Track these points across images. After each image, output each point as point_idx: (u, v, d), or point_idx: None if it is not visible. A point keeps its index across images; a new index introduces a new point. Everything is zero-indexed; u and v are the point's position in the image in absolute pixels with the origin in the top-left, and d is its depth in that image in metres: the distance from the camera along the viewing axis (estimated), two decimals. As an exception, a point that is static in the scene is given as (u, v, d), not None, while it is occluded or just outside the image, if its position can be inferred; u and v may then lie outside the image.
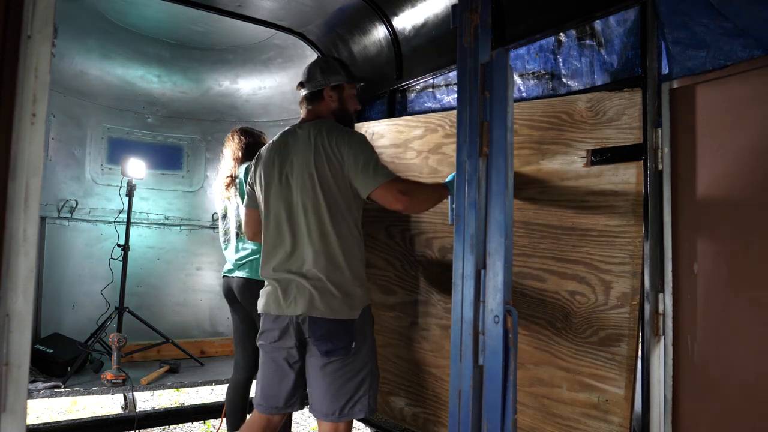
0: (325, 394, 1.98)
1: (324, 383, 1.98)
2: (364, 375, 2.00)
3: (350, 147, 1.97)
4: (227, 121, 4.47)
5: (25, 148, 0.90)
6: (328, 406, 1.98)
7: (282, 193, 2.05)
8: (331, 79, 2.12)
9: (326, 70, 2.14)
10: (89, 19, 3.54)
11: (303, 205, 1.99)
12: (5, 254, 0.88)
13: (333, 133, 2.01)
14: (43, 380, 3.11)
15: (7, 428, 0.87)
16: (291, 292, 1.98)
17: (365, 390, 2.00)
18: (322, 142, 1.99)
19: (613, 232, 1.78)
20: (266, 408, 2.11)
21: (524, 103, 2.10)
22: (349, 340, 1.95)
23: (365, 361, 2.01)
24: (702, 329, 1.66)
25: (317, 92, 2.14)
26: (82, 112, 3.98)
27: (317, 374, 1.99)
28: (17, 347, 0.89)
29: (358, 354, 1.98)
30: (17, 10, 0.90)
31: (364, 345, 2.01)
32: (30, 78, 0.91)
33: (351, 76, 2.18)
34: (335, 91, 2.13)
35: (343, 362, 1.96)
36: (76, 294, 3.90)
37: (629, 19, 1.91)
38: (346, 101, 2.16)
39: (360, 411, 1.99)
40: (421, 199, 2.01)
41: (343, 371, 1.96)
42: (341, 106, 2.15)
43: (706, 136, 1.68)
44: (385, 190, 1.93)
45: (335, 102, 2.13)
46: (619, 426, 1.70)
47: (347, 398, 1.97)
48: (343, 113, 2.16)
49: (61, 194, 3.87)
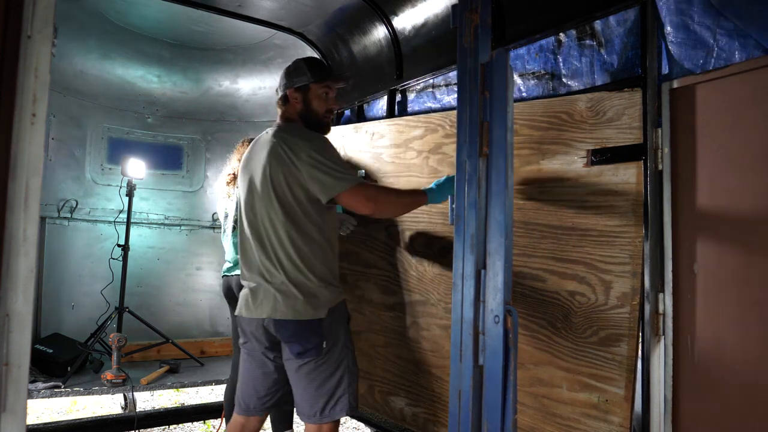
0: (303, 396, 1.99)
1: (301, 385, 1.99)
2: (341, 374, 2.00)
3: (308, 152, 1.95)
4: (227, 121, 4.47)
5: (25, 148, 0.90)
6: (309, 408, 1.99)
7: (248, 200, 2.07)
8: (295, 81, 2.11)
9: (292, 73, 2.13)
10: (89, 19, 3.54)
11: (265, 213, 2.00)
12: (5, 254, 0.88)
13: (293, 137, 2.00)
14: (43, 380, 3.11)
15: (7, 428, 0.87)
16: (259, 296, 2.00)
17: (344, 389, 2.00)
18: (281, 147, 1.98)
19: (613, 232, 1.78)
20: (243, 409, 2.13)
21: (524, 103, 2.10)
22: (318, 340, 1.95)
23: (340, 360, 2.01)
24: (702, 329, 1.66)
25: (285, 95, 2.14)
26: (82, 112, 3.98)
27: (294, 377, 2.00)
28: (17, 347, 0.89)
29: (331, 353, 1.98)
30: (17, 10, 0.90)
31: (336, 344, 2.01)
32: (30, 78, 0.91)
33: (319, 76, 2.12)
34: (299, 93, 2.11)
35: (317, 363, 1.96)
36: (76, 294, 3.90)
37: (629, 19, 1.91)
38: (312, 102, 2.12)
39: (341, 410, 1.99)
40: (390, 206, 2.04)
41: (318, 371, 1.97)
42: (306, 107, 2.11)
43: (706, 136, 1.68)
44: (351, 194, 1.94)
45: (300, 103, 2.11)
46: (619, 426, 1.70)
47: (327, 398, 1.98)
48: (310, 114, 2.12)
49: (61, 194, 3.87)
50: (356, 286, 2.77)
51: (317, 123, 2.14)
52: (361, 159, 2.79)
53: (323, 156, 1.94)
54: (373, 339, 2.66)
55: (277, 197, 1.98)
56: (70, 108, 3.91)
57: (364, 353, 2.71)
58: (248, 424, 2.14)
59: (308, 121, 2.13)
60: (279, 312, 1.95)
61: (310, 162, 1.93)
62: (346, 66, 3.42)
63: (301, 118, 2.13)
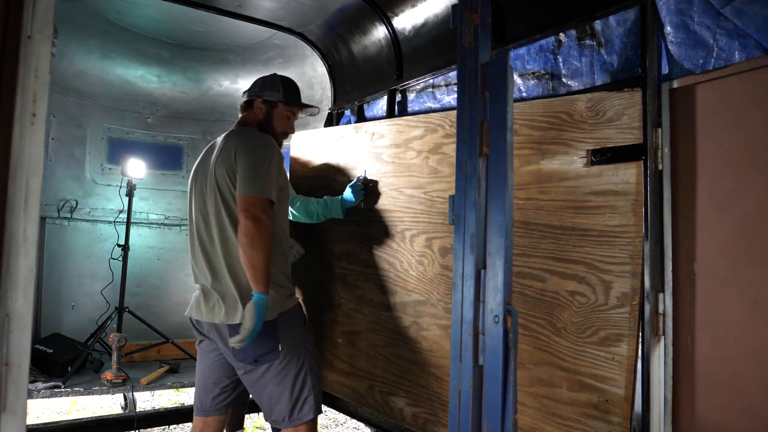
0: (270, 402, 1.99)
1: (266, 392, 1.98)
2: (303, 375, 2.00)
3: (246, 153, 1.99)
4: (227, 121, 4.47)
5: (25, 148, 0.90)
6: (277, 413, 1.99)
7: (197, 202, 2.10)
8: (267, 94, 2.21)
9: (267, 85, 2.23)
10: (89, 19, 3.54)
11: (211, 214, 2.02)
12: (5, 254, 0.88)
13: (243, 139, 2.05)
14: (43, 380, 3.11)
15: (7, 428, 0.87)
16: (211, 299, 2.02)
17: (309, 390, 2.00)
18: (230, 148, 2.03)
19: (613, 232, 1.78)
20: (200, 410, 2.15)
21: (524, 103, 2.10)
22: (273, 344, 1.95)
23: (300, 361, 2.01)
24: (702, 329, 1.66)
25: (250, 101, 2.23)
26: (82, 112, 3.98)
27: (256, 386, 1.99)
28: (17, 347, 0.89)
29: (289, 356, 1.98)
30: (17, 10, 0.90)
31: (294, 346, 2.01)
32: (30, 78, 0.91)
33: (289, 99, 2.22)
34: (266, 105, 2.21)
35: (277, 367, 1.96)
36: (76, 294, 3.90)
37: (629, 19, 1.91)
38: (275, 118, 2.21)
39: (309, 412, 1.99)
40: (253, 239, 1.88)
41: (280, 376, 1.97)
42: (267, 120, 2.20)
43: (706, 136, 1.68)
44: (244, 199, 1.92)
45: (262, 114, 2.20)
46: (619, 426, 1.70)
47: (293, 402, 1.98)
48: (267, 128, 2.20)
49: (61, 194, 3.87)
50: (356, 286, 2.77)
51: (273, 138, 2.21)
52: (361, 159, 2.79)
53: (257, 160, 1.99)
54: (373, 339, 2.67)
55: (223, 200, 2.00)
56: (70, 108, 3.91)
57: (364, 353, 2.71)
58: (207, 424, 2.14)
59: (265, 132, 2.21)
60: (230, 317, 1.95)
61: (245, 163, 1.98)
62: (345, 66, 3.42)
63: (259, 127, 2.21)
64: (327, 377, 2.96)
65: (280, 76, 2.27)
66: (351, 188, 2.68)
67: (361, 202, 2.72)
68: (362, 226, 2.74)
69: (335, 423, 3.99)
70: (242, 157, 1.98)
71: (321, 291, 3.00)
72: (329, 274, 2.94)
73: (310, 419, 2.01)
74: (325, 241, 2.97)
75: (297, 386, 1.99)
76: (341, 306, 2.86)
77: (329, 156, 3.01)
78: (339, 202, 2.67)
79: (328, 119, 3.56)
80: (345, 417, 3.89)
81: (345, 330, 2.84)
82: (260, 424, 3.92)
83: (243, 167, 1.96)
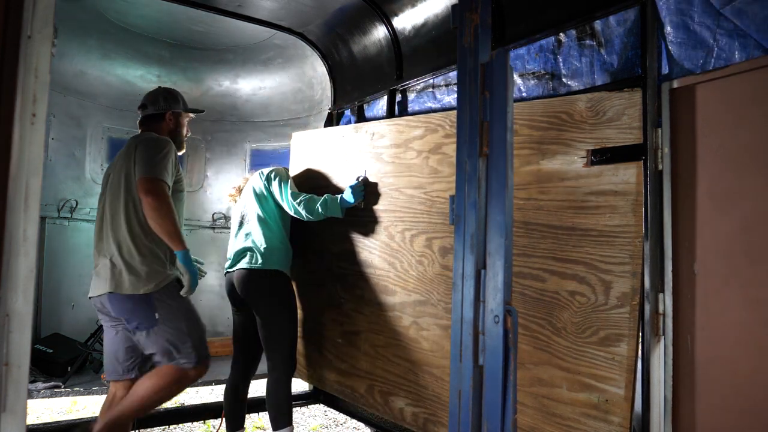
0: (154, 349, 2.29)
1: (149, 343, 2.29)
2: (178, 333, 2.27)
3: (145, 144, 2.35)
4: (227, 121, 4.47)
5: (25, 148, 0.90)
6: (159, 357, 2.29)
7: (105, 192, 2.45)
8: (173, 106, 2.60)
9: (169, 99, 2.61)
10: (89, 19, 3.54)
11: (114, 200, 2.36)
12: (5, 254, 0.88)
13: (143, 136, 2.42)
14: (43, 380, 3.11)
15: (7, 428, 0.87)
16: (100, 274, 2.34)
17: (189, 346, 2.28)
18: (132, 144, 2.39)
19: (613, 232, 1.78)
20: (110, 374, 2.42)
21: (524, 103, 2.10)
22: (149, 313, 2.26)
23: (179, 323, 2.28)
24: (702, 329, 1.66)
25: (158, 115, 2.58)
26: (82, 112, 3.98)
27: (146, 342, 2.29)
28: (17, 347, 0.89)
29: (167, 318, 2.27)
30: (17, 10, 0.90)
31: (172, 310, 2.29)
32: (30, 78, 0.91)
33: (185, 107, 2.65)
34: (174, 116, 2.60)
35: (157, 329, 2.26)
36: (76, 294, 3.90)
37: (629, 19, 1.91)
38: (181, 126, 2.63)
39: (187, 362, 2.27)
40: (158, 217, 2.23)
41: (161, 333, 2.26)
42: (176, 128, 2.61)
43: (706, 136, 1.68)
44: (144, 180, 2.24)
45: (173, 123, 2.59)
46: (619, 426, 1.70)
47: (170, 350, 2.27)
48: (178, 134, 2.61)
49: (61, 194, 3.88)
50: (356, 286, 2.77)
51: (180, 142, 2.62)
52: (362, 159, 2.79)
53: (154, 150, 2.32)
54: (373, 339, 2.67)
55: (125, 189, 2.33)
56: (70, 108, 3.91)
57: (364, 353, 2.71)
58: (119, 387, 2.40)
59: (175, 139, 2.56)
60: (111, 287, 2.28)
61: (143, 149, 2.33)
62: (345, 66, 3.42)
63: (170, 136, 2.55)
64: (327, 377, 2.96)
65: (172, 90, 2.66)
66: (351, 188, 2.68)
67: (361, 203, 2.72)
68: (362, 226, 2.74)
69: (335, 423, 3.99)
70: (141, 148, 2.33)
71: (321, 291, 3.00)
72: (329, 274, 2.94)
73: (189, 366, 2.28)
74: (325, 241, 2.97)
75: (177, 341, 2.28)
76: (341, 306, 2.86)
77: (329, 156, 3.01)
78: (339, 202, 2.67)
79: (328, 119, 3.56)
80: (345, 417, 3.89)
81: (345, 330, 2.84)
82: (260, 424, 3.92)
83: (141, 156, 2.30)
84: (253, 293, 2.66)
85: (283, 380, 2.63)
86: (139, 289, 2.26)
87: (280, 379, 2.63)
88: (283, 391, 2.63)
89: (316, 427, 3.89)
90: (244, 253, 2.72)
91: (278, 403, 2.61)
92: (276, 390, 2.62)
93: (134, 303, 2.27)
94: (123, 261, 2.28)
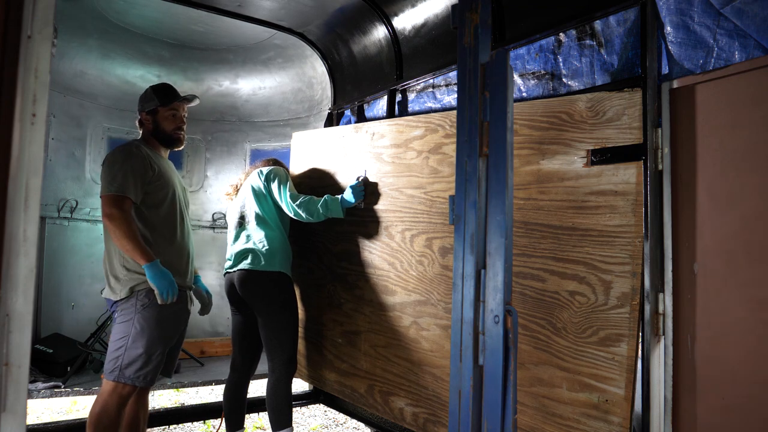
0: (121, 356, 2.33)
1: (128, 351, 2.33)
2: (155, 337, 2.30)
3: (104, 162, 2.38)
4: (227, 121, 4.47)
5: (25, 148, 0.90)
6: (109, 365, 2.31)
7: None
8: (145, 106, 2.54)
9: (143, 100, 2.56)
10: (89, 19, 3.54)
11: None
12: (5, 254, 0.87)
13: (109, 153, 2.44)
14: (43, 380, 3.11)
15: (7, 428, 0.87)
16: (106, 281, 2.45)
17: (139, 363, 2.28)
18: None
19: (613, 232, 1.78)
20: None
21: (524, 103, 2.10)
22: (130, 317, 2.30)
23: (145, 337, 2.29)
24: (702, 329, 1.66)
25: (140, 119, 2.57)
26: (82, 112, 3.98)
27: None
28: (17, 347, 0.89)
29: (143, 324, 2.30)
30: (17, 10, 0.90)
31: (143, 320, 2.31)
32: (30, 78, 0.91)
33: (164, 100, 2.54)
34: (150, 115, 2.54)
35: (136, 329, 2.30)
36: (76, 294, 3.90)
37: (629, 19, 1.91)
38: (161, 122, 2.54)
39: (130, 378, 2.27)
40: (116, 232, 2.26)
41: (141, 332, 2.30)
42: (156, 126, 2.54)
43: (706, 136, 1.68)
44: (104, 199, 2.29)
45: (150, 124, 2.55)
46: (619, 426, 1.70)
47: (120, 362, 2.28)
48: (160, 132, 2.55)
49: (61, 194, 3.87)
50: (356, 286, 2.77)
51: (168, 139, 2.57)
52: (362, 159, 2.79)
53: (111, 166, 2.33)
54: (373, 339, 2.67)
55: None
56: (70, 108, 3.91)
57: (364, 353, 2.71)
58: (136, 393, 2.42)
59: (159, 138, 2.55)
60: (107, 293, 2.40)
61: (103, 167, 2.37)
62: (345, 66, 3.42)
63: (153, 137, 2.55)
64: (327, 377, 2.96)
65: (152, 86, 2.59)
66: (351, 188, 2.68)
67: (361, 203, 2.72)
68: (362, 226, 2.74)
69: (335, 423, 3.99)
70: (103, 164, 2.39)
71: (321, 291, 3.00)
72: (329, 274, 2.94)
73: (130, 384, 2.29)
74: (325, 241, 2.97)
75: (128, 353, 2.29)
76: (341, 306, 2.86)
77: (329, 156, 3.01)
78: (339, 202, 2.67)
79: (328, 119, 3.56)
80: (345, 417, 3.90)
81: (345, 330, 2.84)
82: (260, 424, 3.92)
83: (101, 174, 2.36)
84: (255, 294, 2.66)
85: (283, 381, 2.63)
86: (113, 294, 2.37)
87: (280, 380, 2.63)
88: (283, 392, 2.63)
89: (316, 427, 3.89)
90: (245, 254, 2.72)
91: (278, 404, 2.61)
92: (276, 391, 2.62)
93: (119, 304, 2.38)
94: (111, 267, 2.39)
